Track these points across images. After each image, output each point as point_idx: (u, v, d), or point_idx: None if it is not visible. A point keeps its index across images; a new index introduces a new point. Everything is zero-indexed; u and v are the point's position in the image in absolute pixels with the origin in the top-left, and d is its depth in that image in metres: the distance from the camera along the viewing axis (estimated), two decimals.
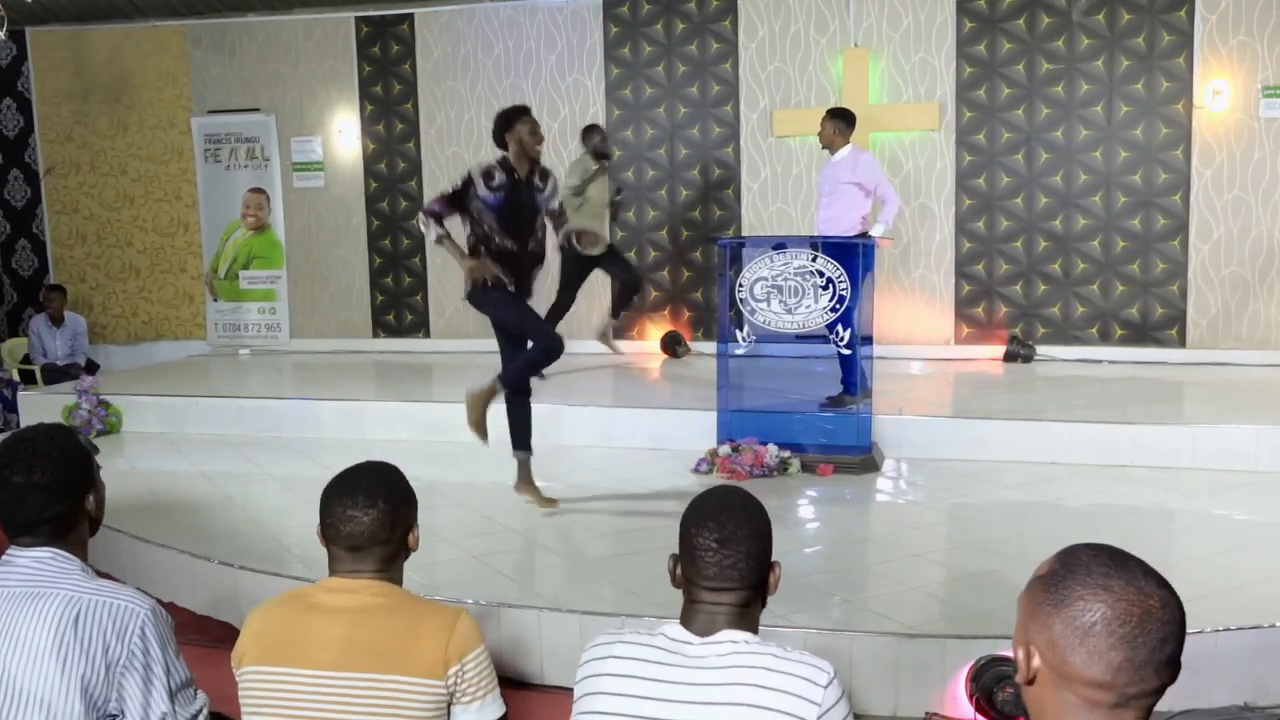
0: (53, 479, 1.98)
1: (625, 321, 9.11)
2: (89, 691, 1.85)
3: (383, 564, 2.06)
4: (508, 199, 4.60)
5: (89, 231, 10.26)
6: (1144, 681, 1.24)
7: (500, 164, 4.64)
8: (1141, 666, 1.23)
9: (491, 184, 4.57)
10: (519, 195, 4.64)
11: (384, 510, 2.05)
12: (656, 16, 8.82)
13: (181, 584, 4.41)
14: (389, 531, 2.05)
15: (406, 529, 2.12)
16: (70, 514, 2.02)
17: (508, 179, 4.62)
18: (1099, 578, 1.27)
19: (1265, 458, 5.48)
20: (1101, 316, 8.25)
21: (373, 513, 2.04)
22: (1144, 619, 1.24)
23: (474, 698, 1.97)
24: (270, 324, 9.82)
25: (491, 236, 4.60)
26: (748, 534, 1.83)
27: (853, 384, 5.84)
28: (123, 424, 7.14)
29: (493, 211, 4.58)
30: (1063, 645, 1.26)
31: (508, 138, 4.68)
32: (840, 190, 6.32)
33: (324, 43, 9.51)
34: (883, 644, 3.43)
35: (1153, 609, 1.24)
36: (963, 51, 8.25)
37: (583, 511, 5.05)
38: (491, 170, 4.60)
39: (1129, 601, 1.24)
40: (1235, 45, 7.78)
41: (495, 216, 4.58)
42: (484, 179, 4.57)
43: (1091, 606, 1.25)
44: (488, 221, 4.59)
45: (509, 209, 4.60)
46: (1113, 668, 1.23)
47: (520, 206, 4.64)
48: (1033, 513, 4.92)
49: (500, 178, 4.60)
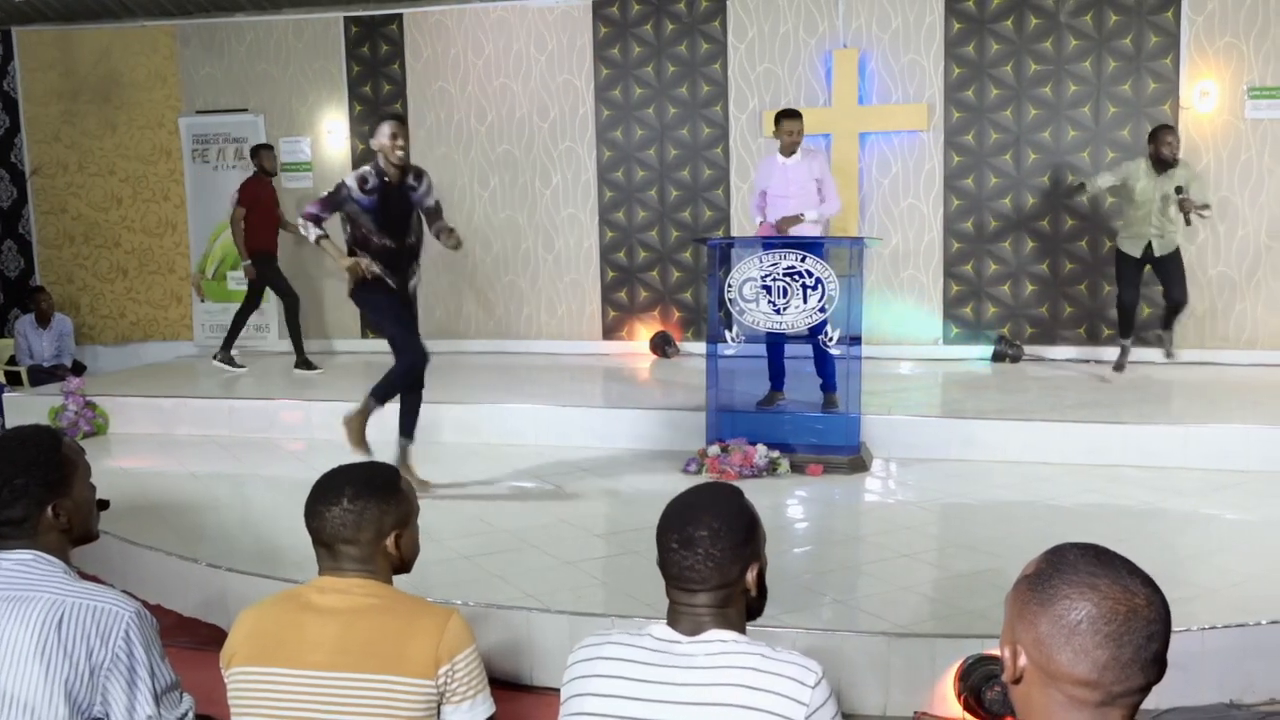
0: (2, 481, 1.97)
1: (615, 321, 9.13)
2: (73, 695, 1.84)
3: (359, 564, 2.04)
4: (381, 201, 4.97)
5: (76, 232, 10.21)
6: (1130, 680, 1.24)
7: (374, 169, 5.00)
8: (1127, 664, 1.23)
9: (366, 188, 4.94)
10: (391, 197, 5.00)
11: (348, 510, 2.03)
12: (646, 17, 8.82)
13: (170, 586, 4.40)
14: (354, 531, 2.02)
15: (379, 532, 2.05)
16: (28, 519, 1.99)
17: (379, 183, 4.97)
18: (1085, 576, 1.27)
19: (1254, 457, 5.50)
20: (1089, 316, 8.27)
21: (335, 510, 2.03)
22: (1129, 617, 1.24)
23: (464, 697, 1.97)
24: (259, 324, 9.77)
25: (370, 236, 4.98)
26: (707, 535, 1.80)
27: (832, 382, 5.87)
28: (110, 425, 7.10)
29: (369, 213, 4.95)
30: (1049, 644, 1.26)
31: (374, 145, 5.06)
32: (809, 188, 6.35)
33: (313, 43, 9.49)
34: (872, 643, 3.43)
35: (1139, 607, 1.25)
36: (951, 52, 8.27)
37: (572, 512, 5.05)
38: (366, 176, 4.96)
39: (1115, 600, 1.25)
40: (1222, 46, 7.82)
41: (371, 218, 4.96)
42: (359, 184, 4.94)
43: (1077, 605, 1.25)
44: (365, 223, 4.97)
45: (383, 210, 4.98)
46: (1098, 666, 1.24)
47: (393, 207, 5.01)
48: (1022, 512, 4.93)
49: (374, 182, 4.96)
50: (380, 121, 5.08)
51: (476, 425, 6.53)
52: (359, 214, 4.95)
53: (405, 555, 2.13)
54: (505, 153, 9.16)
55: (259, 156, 8.49)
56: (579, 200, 9.06)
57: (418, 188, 5.13)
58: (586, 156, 9.02)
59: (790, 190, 6.34)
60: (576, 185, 9.06)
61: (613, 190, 9.01)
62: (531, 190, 9.15)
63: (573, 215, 9.07)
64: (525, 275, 9.24)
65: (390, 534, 2.07)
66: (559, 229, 9.15)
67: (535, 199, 9.15)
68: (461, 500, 5.21)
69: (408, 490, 2.16)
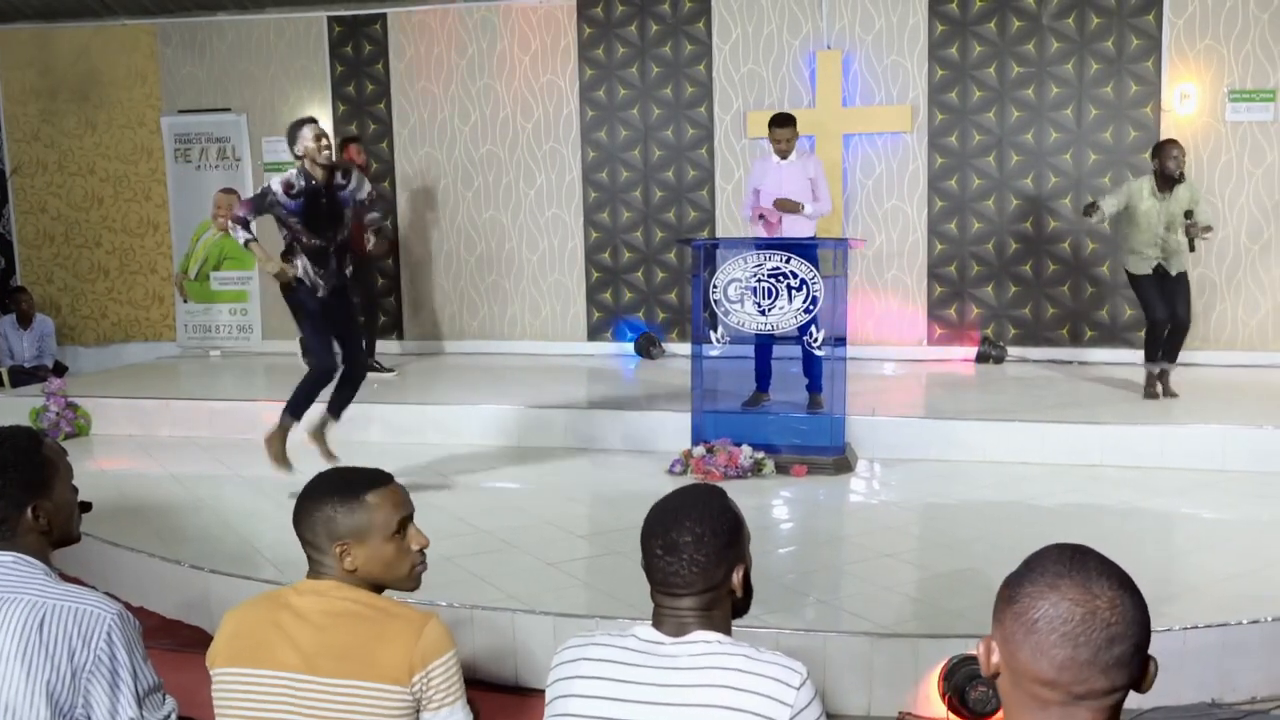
0: None
1: (600, 323, 9.12)
2: (54, 697, 1.83)
3: (328, 570, 2.02)
4: (308, 203, 5.04)
5: (57, 232, 10.14)
6: (1090, 681, 1.23)
7: (299, 173, 5.04)
8: (1085, 665, 1.23)
9: (292, 193, 5.01)
10: (319, 199, 5.07)
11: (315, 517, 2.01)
12: (630, 18, 8.82)
13: (152, 587, 4.37)
14: (321, 539, 2.00)
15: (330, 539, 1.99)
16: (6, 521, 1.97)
17: (306, 186, 5.03)
18: (1050, 576, 1.28)
19: (1233, 457, 5.55)
20: (1072, 317, 8.32)
21: (300, 514, 2.03)
22: (1087, 619, 1.23)
23: (441, 704, 1.95)
24: (242, 325, 9.75)
25: (300, 236, 5.08)
26: (690, 541, 1.80)
27: (819, 383, 5.88)
28: (92, 426, 7.06)
29: (297, 216, 5.05)
30: (1013, 641, 1.27)
31: (296, 151, 5.07)
32: (803, 189, 6.36)
33: (295, 42, 9.45)
34: (856, 644, 3.44)
35: (1099, 609, 1.24)
36: (934, 54, 8.31)
37: (556, 513, 5.04)
38: (292, 181, 5.02)
39: (1072, 600, 1.25)
40: (1202, 49, 7.87)
41: (300, 219, 5.05)
42: (284, 189, 5.00)
43: (1036, 604, 1.26)
44: (293, 224, 5.07)
45: (309, 212, 5.06)
46: (1055, 665, 1.24)
47: (321, 208, 5.09)
48: (1005, 512, 4.95)
49: (300, 185, 5.02)
50: (299, 126, 5.07)
51: (456, 426, 6.52)
52: (286, 216, 5.05)
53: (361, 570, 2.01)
54: (489, 153, 9.15)
55: (348, 150, 7.94)
56: (563, 201, 9.05)
57: (346, 184, 5.18)
58: (571, 157, 9.01)
59: (784, 191, 6.37)
60: (561, 186, 9.05)
61: (597, 191, 9.01)
62: (515, 191, 9.14)
63: (557, 216, 9.06)
64: (509, 276, 9.22)
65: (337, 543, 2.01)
66: (543, 230, 9.14)
67: (519, 200, 9.14)
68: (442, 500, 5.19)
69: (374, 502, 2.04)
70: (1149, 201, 6.43)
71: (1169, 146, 6.48)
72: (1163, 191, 6.44)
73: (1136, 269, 6.57)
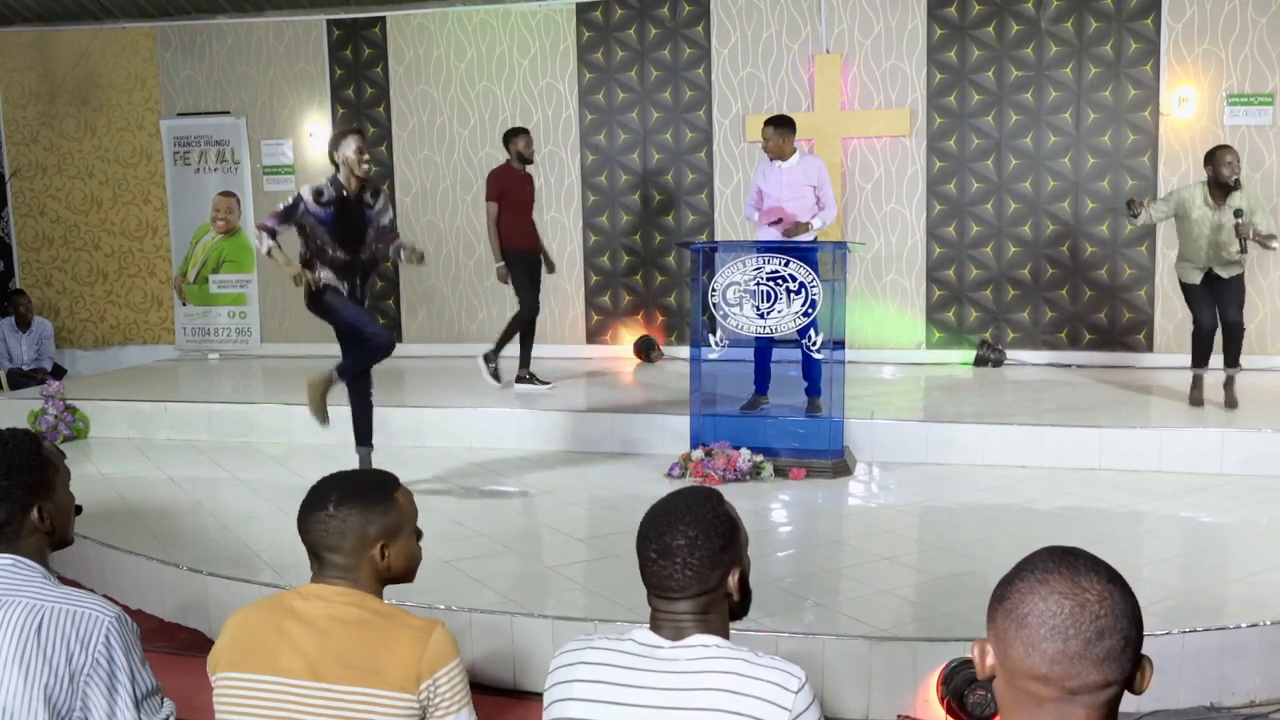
0: None
1: (599, 326, 9.13)
2: (52, 700, 1.83)
3: (343, 572, 2.01)
4: (338, 214, 4.96)
5: (55, 235, 10.14)
6: (1083, 675, 1.25)
7: (331, 182, 4.98)
8: (1076, 658, 1.24)
9: (322, 200, 4.93)
10: (349, 210, 5.00)
11: (331, 517, 2.00)
12: (630, 21, 8.83)
13: (150, 590, 4.37)
14: (337, 539, 2.00)
15: (363, 541, 2.01)
16: (10, 522, 1.97)
17: (337, 196, 4.96)
18: (1040, 573, 1.30)
19: (1230, 461, 5.55)
20: (1070, 321, 8.32)
21: (319, 516, 2.01)
22: (1076, 611, 1.25)
23: (447, 712, 1.94)
24: (241, 328, 9.75)
25: (325, 249, 4.99)
26: (685, 545, 1.80)
27: (818, 387, 5.88)
28: (90, 429, 7.06)
29: (325, 226, 4.95)
30: (1005, 639, 1.29)
31: (336, 158, 5.01)
32: (800, 194, 6.36)
33: (294, 45, 9.45)
34: (854, 647, 3.44)
35: (1088, 602, 1.26)
36: (933, 58, 8.32)
37: (554, 516, 5.04)
38: (322, 189, 4.95)
39: (1061, 594, 1.26)
40: (1200, 54, 7.89)
41: (327, 230, 4.96)
42: (314, 197, 4.92)
43: (1026, 600, 1.28)
44: (320, 235, 4.96)
45: (339, 223, 4.97)
46: (1047, 659, 1.25)
47: (350, 221, 5.01)
48: (1003, 515, 4.95)
49: (330, 194, 4.95)
50: (345, 135, 5.01)
51: (455, 430, 6.52)
52: (315, 226, 4.95)
53: (394, 566, 2.05)
54: (488, 156, 9.13)
55: (514, 142, 7.29)
56: (562, 204, 9.06)
57: (374, 205, 5.12)
58: (570, 160, 9.02)
59: (782, 194, 6.37)
60: (560, 189, 9.05)
61: (596, 194, 9.01)
62: None
63: (555, 219, 9.06)
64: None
65: (376, 544, 2.01)
66: (542, 233, 9.11)
67: None
68: (441, 504, 5.19)
69: (403, 500, 2.09)
70: (1200, 210, 6.16)
71: (1222, 152, 6.11)
72: (1216, 199, 6.13)
73: (1187, 277, 6.41)
